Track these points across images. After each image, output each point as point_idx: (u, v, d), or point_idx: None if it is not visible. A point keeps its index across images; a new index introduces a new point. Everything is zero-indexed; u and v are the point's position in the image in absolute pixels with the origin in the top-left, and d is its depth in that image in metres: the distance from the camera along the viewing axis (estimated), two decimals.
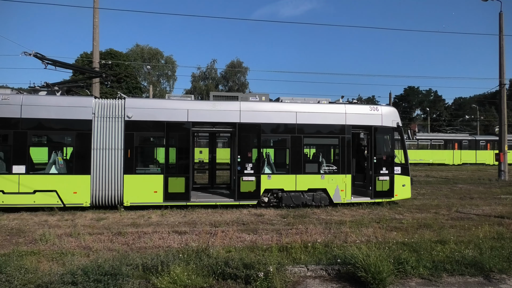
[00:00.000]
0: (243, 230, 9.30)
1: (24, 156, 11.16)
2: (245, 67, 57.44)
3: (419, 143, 36.30)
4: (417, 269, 6.15)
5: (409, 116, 75.01)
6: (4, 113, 11.04)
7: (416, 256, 6.63)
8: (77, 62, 40.43)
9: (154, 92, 48.31)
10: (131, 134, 11.59)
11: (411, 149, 33.66)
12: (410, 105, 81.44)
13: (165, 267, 5.77)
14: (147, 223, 10.14)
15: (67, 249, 7.43)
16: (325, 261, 6.62)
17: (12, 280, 5.28)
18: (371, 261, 5.70)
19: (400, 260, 6.18)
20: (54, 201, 11.18)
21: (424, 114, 78.24)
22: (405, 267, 6.07)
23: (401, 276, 6.01)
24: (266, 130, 12.31)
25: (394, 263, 6.04)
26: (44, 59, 12.18)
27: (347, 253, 6.42)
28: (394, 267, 5.95)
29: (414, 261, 6.27)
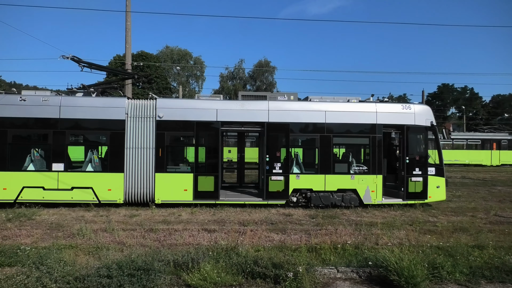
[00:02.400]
0: (272, 229, 9.30)
1: (63, 155, 11.69)
2: (273, 66, 57.45)
3: (454, 142, 34.80)
4: (453, 274, 5.91)
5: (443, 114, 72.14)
6: (45, 114, 11.61)
7: (452, 261, 6.37)
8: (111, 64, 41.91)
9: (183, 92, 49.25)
10: (162, 134, 11.88)
11: (445, 149, 32.37)
12: (444, 103, 78.25)
13: (195, 264, 5.88)
14: (177, 220, 10.35)
15: (102, 243, 7.70)
16: (355, 263, 6.50)
17: (52, 272, 5.55)
18: (404, 265, 5.53)
19: (435, 265, 5.95)
20: (90, 197, 11.65)
21: (459, 113, 74.97)
22: (440, 272, 5.85)
23: (436, 281, 5.80)
24: (295, 130, 12.24)
25: (429, 268, 5.83)
26: (80, 62, 12.70)
27: (379, 255, 6.27)
28: (429, 271, 5.74)
29: (450, 266, 6.03)
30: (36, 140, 12.37)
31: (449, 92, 79.08)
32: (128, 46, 18.79)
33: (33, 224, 9.58)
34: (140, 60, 39.33)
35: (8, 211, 10.87)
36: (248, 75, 59.35)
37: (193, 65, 58.55)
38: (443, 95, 79.00)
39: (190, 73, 60.42)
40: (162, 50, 57.60)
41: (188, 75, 60.58)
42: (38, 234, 8.62)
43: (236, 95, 50.63)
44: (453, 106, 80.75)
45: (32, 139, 12.38)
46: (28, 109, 11.61)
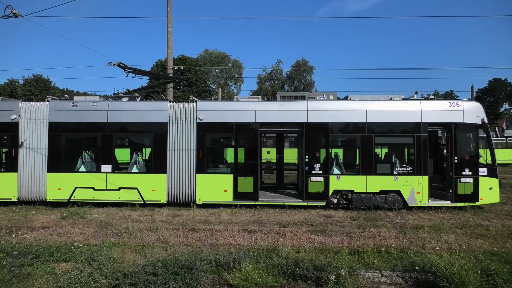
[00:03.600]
0: (312, 231, 9.18)
1: (110, 157, 12.32)
2: (311, 66, 56.83)
3: (508, 141, 32.45)
4: (509, 282, 5.50)
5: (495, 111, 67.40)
6: (94, 118, 12.30)
7: (508, 268, 5.95)
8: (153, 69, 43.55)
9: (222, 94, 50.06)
10: (203, 136, 12.15)
11: (498, 148, 30.24)
12: (496, 99, 73.03)
13: (236, 264, 5.94)
14: (218, 220, 10.53)
15: (147, 242, 8.02)
16: (401, 267, 6.26)
17: (103, 268, 5.86)
18: (454, 271, 5.24)
19: (489, 272, 5.57)
20: (135, 197, 12.17)
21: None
22: (495, 280, 5.46)
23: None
24: (335, 130, 12.01)
25: (482, 275, 5.48)
26: (126, 68, 13.30)
27: (426, 260, 5.99)
28: (482, 279, 5.39)
29: (506, 273, 5.62)
30: (86, 143, 13.11)
31: (501, 87, 73.63)
32: (170, 51, 19.42)
33: (84, 223, 10.18)
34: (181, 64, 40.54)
35: (63, 210, 11.62)
36: (286, 76, 59.17)
37: (231, 67, 59.36)
38: (495, 91, 73.77)
39: (229, 75, 61.31)
40: (202, 53, 59.01)
41: (226, 77, 61.52)
42: (89, 232, 9.14)
43: (274, 96, 50.70)
44: (506, 102, 75.13)
45: (83, 142, 13.14)
46: (79, 114, 12.36)
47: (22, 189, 12.39)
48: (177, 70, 19.12)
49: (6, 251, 6.94)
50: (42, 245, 7.38)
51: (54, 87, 54.42)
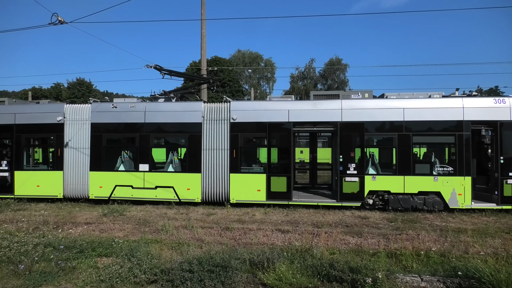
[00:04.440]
0: (347, 232, 9.01)
1: (148, 156, 12.74)
2: (345, 64, 55.64)
3: None
4: None
5: None
6: (132, 119, 12.78)
7: None
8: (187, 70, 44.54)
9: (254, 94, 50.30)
10: (236, 135, 12.27)
11: None
12: None
13: (270, 264, 5.96)
14: (251, 220, 10.59)
15: (183, 240, 8.22)
16: (442, 272, 6.00)
17: (141, 264, 6.08)
18: (501, 277, 4.95)
19: None
20: (171, 196, 12.51)
21: None
22: None
23: None
24: (370, 129, 11.71)
25: None
26: (162, 70, 13.68)
27: (470, 265, 5.71)
28: None
29: None
30: (125, 143, 13.64)
31: None
32: (204, 52, 19.76)
33: (124, 219, 10.59)
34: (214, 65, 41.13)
35: (104, 207, 12.16)
36: (319, 74, 58.37)
37: (264, 67, 59.47)
38: None
39: (261, 75, 61.43)
40: (234, 54, 59.53)
41: (259, 77, 61.69)
42: (129, 228, 9.50)
43: (307, 95, 50.22)
44: None
45: (122, 142, 13.68)
46: (118, 115, 12.88)
47: (67, 187, 13.12)
48: (210, 71, 19.40)
49: (53, 245, 7.36)
50: (86, 240, 7.77)
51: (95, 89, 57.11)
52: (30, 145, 14.25)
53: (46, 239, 7.87)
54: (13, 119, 13.41)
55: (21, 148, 13.55)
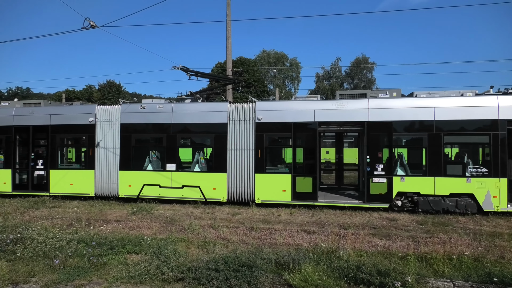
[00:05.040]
0: (375, 234, 8.82)
1: (175, 156, 12.99)
2: (372, 62, 54.49)
3: None
4: None
5: None
6: (160, 120, 13.06)
7: None
8: (213, 71, 45.02)
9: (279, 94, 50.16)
10: (261, 135, 12.28)
11: None
12: None
13: (296, 265, 5.92)
14: (276, 220, 10.57)
15: (209, 238, 8.32)
16: (475, 277, 5.76)
17: (169, 262, 6.21)
18: None
19: None
20: (197, 195, 12.69)
21: None
22: None
23: None
24: (398, 129, 11.41)
25: None
26: (188, 71, 13.91)
27: (506, 271, 5.46)
28: None
29: None
30: (153, 143, 13.96)
31: None
32: (229, 53, 19.93)
33: (152, 218, 10.84)
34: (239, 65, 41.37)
35: (133, 205, 12.49)
36: (345, 73, 57.50)
37: (289, 67, 59.23)
38: None
39: (286, 75, 61.21)
40: (259, 54, 59.58)
41: (284, 77, 61.49)
42: (156, 226, 9.71)
43: (333, 95, 49.57)
44: None
45: (150, 142, 14.01)
46: (146, 115, 13.21)
47: (98, 185, 13.59)
48: (235, 72, 19.52)
49: (86, 241, 7.65)
50: (116, 237, 8.01)
51: (124, 91, 58.85)
52: (64, 145, 14.86)
53: (79, 236, 8.18)
54: (48, 120, 14.03)
55: (56, 148, 14.16)
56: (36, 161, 14.18)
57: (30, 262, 6.62)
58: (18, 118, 14.33)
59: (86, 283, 5.81)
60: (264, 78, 56.74)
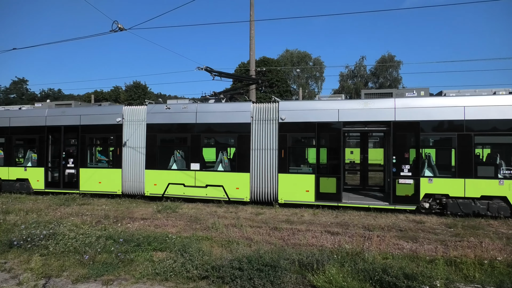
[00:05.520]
0: (401, 236, 8.62)
1: (199, 155, 13.16)
2: (398, 61, 53.29)
3: None
4: None
5: None
6: (184, 120, 13.28)
7: None
8: (236, 71, 45.30)
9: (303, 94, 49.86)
10: (284, 135, 12.25)
11: None
12: None
13: (320, 266, 5.88)
14: (300, 220, 10.52)
15: (232, 238, 8.37)
16: (509, 284, 5.54)
17: (193, 260, 6.30)
18: None
19: None
20: (221, 195, 12.81)
21: None
22: None
23: None
24: (426, 128, 11.09)
25: None
26: (212, 71, 14.06)
27: None
28: None
29: None
30: (178, 142, 14.21)
31: None
32: (252, 53, 20.00)
33: (176, 216, 11.03)
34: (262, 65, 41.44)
35: (158, 203, 12.75)
36: (370, 72, 56.51)
37: (312, 67, 58.77)
38: None
39: (310, 75, 60.79)
40: (282, 54, 59.47)
41: (307, 77, 61.09)
42: (181, 225, 9.88)
43: (357, 94, 48.80)
44: None
45: (175, 142, 14.27)
46: (171, 116, 13.45)
47: (125, 184, 13.96)
48: (259, 72, 19.57)
49: (114, 238, 7.87)
50: (142, 235, 8.21)
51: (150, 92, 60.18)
52: (93, 144, 15.35)
53: (107, 232, 8.43)
54: (78, 121, 14.55)
55: (85, 147, 14.66)
56: (67, 159, 14.73)
57: (62, 257, 6.89)
58: (50, 119, 14.94)
59: (114, 279, 5.99)
60: (287, 77, 56.57)
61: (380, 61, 53.30)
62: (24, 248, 7.36)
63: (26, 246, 7.42)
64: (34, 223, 9.09)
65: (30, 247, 7.37)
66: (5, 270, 6.41)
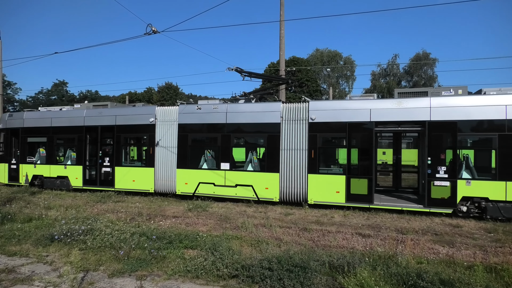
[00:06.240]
0: (436, 241, 8.30)
1: (229, 155, 13.29)
2: (433, 58, 51.36)
3: None
4: None
5: None
6: (215, 120, 13.46)
7: None
8: (265, 71, 45.37)
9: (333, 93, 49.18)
10: (314, 136, 12.13)
11: None
12: None
13: (351, 269, 5.78)
14: (330, 222, 10.38)
15: (262, 238, 8.39)
16: None
17: (223, 258, 6.37)
18: None
19: None
20: (250, 194, 12.87)
21: None
22: None
23: None
24: (464, 129, 10.61)
25: None
26: (242, 72, 14.16)
27: None
28: None
29: None
30: (208, 142, 14.43)
31: None
32: (282, 53, 19.95)
33: (207, 215, 11.20)
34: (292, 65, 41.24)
35: (189, 202, 13.00)
36: (403, 71, 54.83)
37: (343, 66, 57.79)
38: None
39: (340, 74, 59.82)
40: (312, 53, 58.84)
41: (338, 76, 60.16)
42: (211, 224, 10.02)
43: (390, 93, 47.46)
44: None
45: (205, 141, 14.50)
46: (202, 116, 13.68)
47: (157, 182, 14.35)
48: (288, 71, 19.48)
49: (147, 235, 8.12)
50: (174, 232, 8.40)
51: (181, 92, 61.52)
52: (127, 143, 15.89)
53: (141, 229, 8.70)
54: (114, 121, 15.11)
55: (120, 146, 15.21)
56: (103, 158, 15.34)
57: (99, 252, 7.18)
58: (88, 119, 15.62)
59: (148, 274, 6.17)
60: (317, 77, 55.99)
61: (414, 59, 51.64)
62: (64, 242, 7.74)
63: (66, 240, 7.80)
64: (73, 219, 9.54)
65: (70, 242, 7.74)
66: (47, 263, 6.77)
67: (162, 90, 59.23)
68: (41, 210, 11.42)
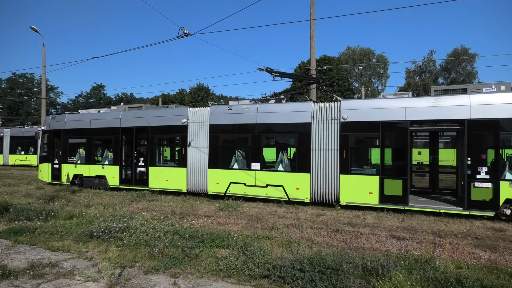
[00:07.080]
0: (477, 245, 7.90)
1: (259, 155, 13.33)
2: (473, 53, 48.98)
3: None
4: None
5: None
6: (245, 120, 13.55)
7: None
8: (296, 71, 45.10)
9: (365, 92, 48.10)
10: (346, 135, 11.91)
11: None
12: None
13: (385, 272, 5.62)
14: (363, 223, 10.15)
15: (293, 238, 8.34)
16: None
17: (255, 258, 6.39)
18: None
19: None
20: (281, 195, 12.84)
21: None
22: None
23: None
24: (507, 127, 10.03)
25: None
26: (272, 72, 14.15)
27: None
28: None
29: None
30: (239, 142, 14.55)
31: None
32: (313, 52, 19.76)
33: (238, 215, 11.29)
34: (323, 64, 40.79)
35: (220, 202, 13.17)
36: (440, 67, 52.68)
37: (375, 63, 56.37)
38: None
39: (373, 72, 58.45)
40: (344, 51, 57.92)
41: (370, 74, 58.81)
42: (242, 223, 10.09)
43: (425, 91, 45.77)
44: None
45: (236, 142, 14.62)
46: (233, 116, 13.81)
47: (189, 182, 14.65)
48: (319, 71, 19.27)
49: (180, 233, 8.29)
50: (206, 232, 8.53)
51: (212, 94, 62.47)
52: (161, 144, 16.34)
53: (174, 228, 8.90)
54: (148, 122, 15.59)
55: (154, 146, 15.66)
56: (138, 158, 15.86)
57: (134, 249, 7.42)
58: (124, 121, 16.21)
59: (181, 272, 6.31)
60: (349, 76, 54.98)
61: (452, 54, 49.50)
62: (102, 239, 8.07)
63: (104, 237, 8.12)
64: (111, 217, 9.91)
65: (108, 238, 8.06)
66: (87, 259, 7.08)
67: (193, 91, 60.43)
68: (81, 208, 11.99)
